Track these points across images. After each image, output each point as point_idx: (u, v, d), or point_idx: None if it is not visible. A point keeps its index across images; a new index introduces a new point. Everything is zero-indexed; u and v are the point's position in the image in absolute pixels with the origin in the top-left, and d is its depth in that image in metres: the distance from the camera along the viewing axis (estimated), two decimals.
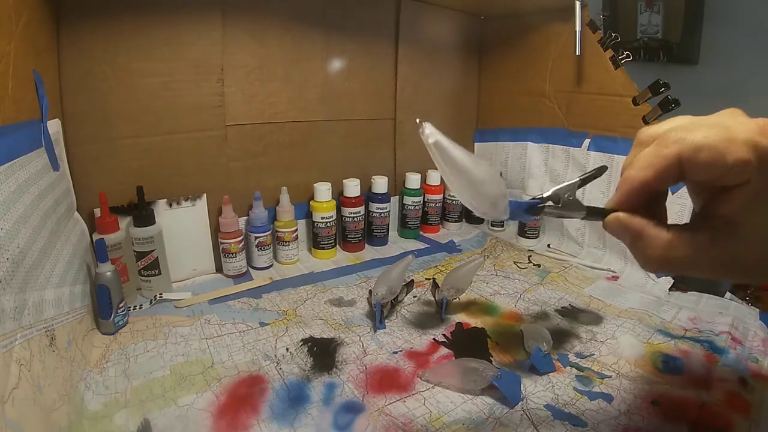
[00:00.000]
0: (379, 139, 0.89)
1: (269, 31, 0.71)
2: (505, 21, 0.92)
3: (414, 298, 0.66)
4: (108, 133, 0.61)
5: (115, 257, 0.59)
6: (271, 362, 0.50)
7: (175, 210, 0.67)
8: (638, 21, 1.38)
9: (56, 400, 0.37)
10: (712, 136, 0.25)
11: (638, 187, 0.29)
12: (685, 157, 0.26)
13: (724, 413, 0.43)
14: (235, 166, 0.72)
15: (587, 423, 0.42)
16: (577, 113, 0.81)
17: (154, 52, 0.61)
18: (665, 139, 0.27)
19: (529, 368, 0.49)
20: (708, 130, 0.26)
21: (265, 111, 0.73)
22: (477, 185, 0.34)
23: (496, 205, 0.34)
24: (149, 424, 0.40)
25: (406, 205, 0.91)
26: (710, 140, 0.25)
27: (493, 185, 0.34)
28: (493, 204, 0.34)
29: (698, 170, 0.26)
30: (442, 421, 0.42)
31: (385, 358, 0.51)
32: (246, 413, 0.42)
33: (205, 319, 0.58)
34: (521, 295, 0.68)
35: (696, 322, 0.60)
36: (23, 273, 0.37)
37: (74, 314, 0.47)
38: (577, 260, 0.80)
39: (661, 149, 0.27)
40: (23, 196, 0.39)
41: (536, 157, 0.89)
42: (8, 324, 0.32)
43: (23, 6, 0.43)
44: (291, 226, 0.76)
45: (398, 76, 0.87)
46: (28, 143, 0.43)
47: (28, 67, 0.44)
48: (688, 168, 0.26)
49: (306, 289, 0.68)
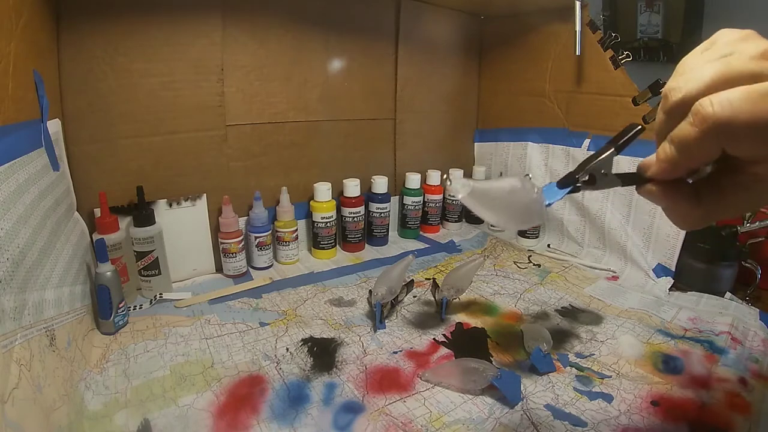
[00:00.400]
0: (379, 139, 0.89)
1: (269, 31, 0.71)
2: (505, 21, 0.92)
3: (414, 298, 0.66)
4: (108, 133, 0.61)
5: (115, 257, 0.59)
6: (271, 362, 0.50)
7: (175, 210, 0.67)
8: (638, 21, 1.38)
9: (56, 400, 0.37)
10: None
11: (671, 171, 0.28)
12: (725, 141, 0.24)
13: (724, 413, 0.43)
14: (235, 166, 0.72)
15: (587, 423, 0.42)
16: (577, 113, 0.81)
17: (154, 52, 0.61)
18: (701, 114, 0.24)
19: (529, 368, 0.49)
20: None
21: (265, 111, 0.73)
22: (514, 208, 0.34)
23: (535, 210, 0.34)
24: (149, 424, 0.40)
25: (406, 205, 0.91)
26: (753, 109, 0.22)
27: (522, 194, 0.34)
28: (531, 214, 0.34)
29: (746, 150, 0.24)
30: (442, 421, 0.42)
31: (385, 358, 0.51)
32: (246, 413, 0.42)
33: (205, 319, 0.58)
34: (521, 295, 0.68)
35: (696, 322, 0.60)
36: (23, 273, 0.37)
37: (74, 314, 0.47)
38: (577, 260, 0.80)
39: (694, 130, 0.24)
40: (23, 196, 0.39)
41: (536, 157, 0.89)
42: (8, 324, 0.32)
43: (23, 6, 0.43)
44: (291, 226, 0.76)
45: (398, 76, 0.87)
46: (28, 143, 0.43)
47: (28, 67, 0.44)
48: (734, 150, 0.24)
49: (306, 289, 0.68)
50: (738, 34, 0.26)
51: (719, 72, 0.24)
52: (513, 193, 0.34)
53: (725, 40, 0.26)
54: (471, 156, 1.03)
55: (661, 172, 0.28)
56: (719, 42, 0.26)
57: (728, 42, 0.25)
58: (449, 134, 0.99)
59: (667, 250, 0.70)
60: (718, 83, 0.24)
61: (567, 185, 0.34)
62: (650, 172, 0.29)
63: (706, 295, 0.67)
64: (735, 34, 0.26)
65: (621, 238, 0.76)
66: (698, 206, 0.28)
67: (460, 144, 1.02)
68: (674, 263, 0.69)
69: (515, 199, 0.34)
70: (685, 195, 0.29)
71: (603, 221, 0.78)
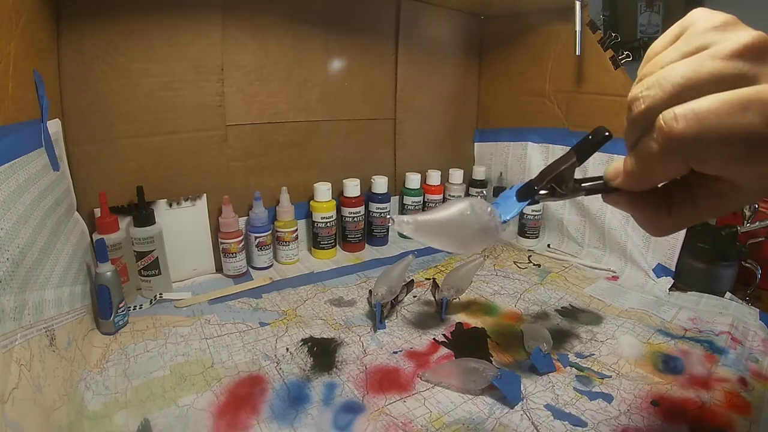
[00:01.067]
0: (379, 139, 0.89)
1: (269, 31, 0.71)
2: (505, 21, 0.92)
3: (414, 298, 0.66)
4: (108, 133, 0.61)
5: (115, 257, 0.59)
6: (271, 362, 0.50)
7: (175, 210, 0.67)
8: (638, 21, 1.38)
9: (56, 400, 0.37)
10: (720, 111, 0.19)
11: (636, 185, 0.26)
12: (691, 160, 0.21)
13: (724, 413, 0.43)
14: (235, 166, 0.72)
15: (587, 423, 0.42)
16: (577, 113, 0.81)
17: (154, 52, 0.61)
18: (666, 130, 0.21)
19: (529, 368, 0.49)
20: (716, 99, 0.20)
21: (265, 111, 0.73)
22: (467, 233, 0.33)
23: (490, 230, 0.33)
24: (149, 424, 0.40)
25: (406, 205, 0.91)
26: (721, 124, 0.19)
27: (474, 217, 0.33)
28: (487, 235, 0.33)
29: (715, 167, 0.21)
30: (442, 421, 0.42)
31: (385, 358, 0.51)
32: (246, 413, 0.42)
33: (205, 319, 0.58)
34: (521, 295, 0.68)
35: (696, 322, 0.60)
36: (23, 273, 0.37)
37: (74, 314, 0.47)
38: (577, 260, 0.80)
39: (657, 148, 0.22)
40: (23, 196, 0.39)
41: (536, 157, 0.89)
42: (8, 324, 0.32)
43: (23, 6, 0.43)
44: (291, 226, 0.76)
45: (398, 76, 0.87)
46: (28, 143, 0.43)
47: (28, 67, 0.44)
48: (701, 167, 0.22)
49: (306, 289, 0.68)
50: (715, 20, 0.22)
51: (687, 76, 0.21)
52: (463, 217, 0.33)
53: (699, 28, 0.22)
54: (471, 156, 1.03)
55: (626, 185, 0.26)
56: (692, 29, 0.22)
57: (702, 30, 0.22)
58: (449, 134, 0.99)
59: (667, 250, 0.70)
60: (686, 89, 0.21)
61: (526, 197, 0.32)
62: (616, 183, 0.27)
63: (706, 295, 0.67)
64: (712, 20, 0.22)
65: (621, 238, 0.76)
66: (668, 215, 0.26)
67: (460, 144, 1.02)
68: (674, 263, 0.69)
69: (467, 223, 0.33)
70: (654, 204, 0.27)
71: (603, 221, 0.78)
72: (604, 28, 0.75)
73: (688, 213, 0.25)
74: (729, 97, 0.19)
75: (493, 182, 0.96)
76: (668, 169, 0.23)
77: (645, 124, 0.22)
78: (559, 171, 0.30)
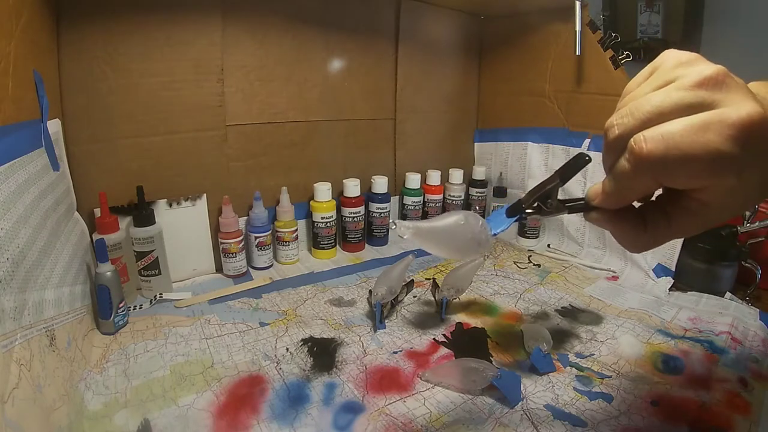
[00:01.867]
0: (379, 139, 0.89)
1: (269, 31, 0.71)
2: (505, 21, 0.92)
3: (414, 298, 0.66)
4: (108, 133, 0.60)
5: (115, 257, 0.59)
6: (271, 362, 0.50)
7: (175, 210, 0.67)
8: (638, 21, 1.38)
9: (56, 400, 0.37)
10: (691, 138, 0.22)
11: (614, 203, 0.29)
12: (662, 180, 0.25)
13: (724, 413, 0.43)
14: (235, 166, 0.72)
15: (587, 423, 0.42)
16: (577, 113, 0.81)
17: (154, 52, 0.61)
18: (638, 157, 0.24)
19: (529, 368, 0.49)
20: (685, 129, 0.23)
21: (265, 111, 0.73)
22: (460, 242, 0.36)
23: (482, 241, 0.36)
24: (149, 424, 0.40)
25: (406, 205, 0.91)
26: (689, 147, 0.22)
27: (467, 229, 0.36)
28: (478, 245, 0.36)
29: (683, 182, 0.25)
30: (442, 421, 0.42)
31: (385, 358, 0.51)
32: (246, 413, 0.42)
33: (205, 319, 0.58)
34: (521, 295, 0.68)
35: (696, 322, 0.60)
36: (23, 273, 0.37)
37: (74, 314, 0.47)
38: (577, 260, 0.80)
39: (629, 167, 0.25)
40: (23, 196, 0.39)
41: (536, 157, 0.89)
42: (8, 324, 0.32)
43: (23, 6, 0.43)
44: (291, 226, 0.76)
45: (398, 75, 0.87)
46: (28, 143, 0.43)
47: (28, 67, 0.44)
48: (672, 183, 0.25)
49: (306, 289, 0.68)
50: (682, 57, 0.25)
51: (656, 104, 0.24)
52: (458, 227, 0.36)
53: (669, 65, 0.25)
54: (471, 156, 1.03)
55: (605, 204, 0.29)
56: (662, 67, 0.26)
57: (671, 67, 0.25)
58: (449, 134, 0.99)
59: (667, 250, 0.70)
60: (655, 116, 0.24)
61: (514, 214, 0.36)
62: (596, 202, 0.30)
63: (706, 295, 0.67)
64: (679, 58, 0.25)
65: None
66: (644, 232, 0.29)
67: (460, 144, 1.02)
68: (674, 263, 0.69)
69: (460, 234, 0.36)
70: (631, 222, 0.29)
71: None
72: (604, 28, 0.75)
73: (662, 230, 0.28)
74: (691, 121, 0.23)
75: (493, 182, 0.96)
76: (641, 185, 0.26)
77: (619, 147, 0.26)
78: (544, 190, 0.34)
